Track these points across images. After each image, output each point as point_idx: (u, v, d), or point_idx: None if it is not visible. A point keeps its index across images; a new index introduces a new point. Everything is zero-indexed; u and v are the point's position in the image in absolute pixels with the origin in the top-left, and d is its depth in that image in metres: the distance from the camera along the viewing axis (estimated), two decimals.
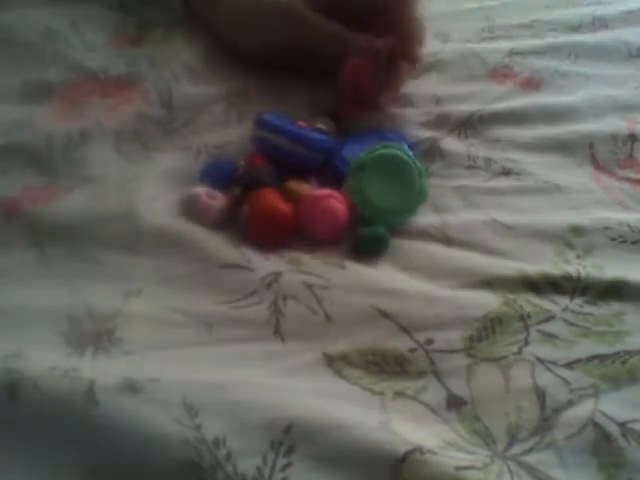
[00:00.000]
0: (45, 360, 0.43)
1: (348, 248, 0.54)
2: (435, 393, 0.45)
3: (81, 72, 0.66)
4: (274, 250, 0.53)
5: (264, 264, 0.51)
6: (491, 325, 0.48)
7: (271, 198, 0.54)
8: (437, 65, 0.73)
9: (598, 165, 0.63)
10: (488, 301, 0.50)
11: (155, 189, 0.56)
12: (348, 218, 0.55)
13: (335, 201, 0.55)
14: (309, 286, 0.50)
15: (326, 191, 0.55)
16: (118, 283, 0.50)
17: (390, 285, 0.51)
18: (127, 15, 0.74)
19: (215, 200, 0.55)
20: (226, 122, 0.63)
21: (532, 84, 0.72)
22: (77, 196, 0.55)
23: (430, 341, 0.47)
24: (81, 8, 0.73)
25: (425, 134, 0.65)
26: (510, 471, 0.41)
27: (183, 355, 0.46)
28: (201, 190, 0.55)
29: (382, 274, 0.52)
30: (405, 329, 0.48)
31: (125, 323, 0.47)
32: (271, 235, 0.54)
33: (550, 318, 0.49)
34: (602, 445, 0.42)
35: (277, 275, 0.50)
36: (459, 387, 0.45)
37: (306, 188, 0.56)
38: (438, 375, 0.46)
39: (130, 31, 0.72)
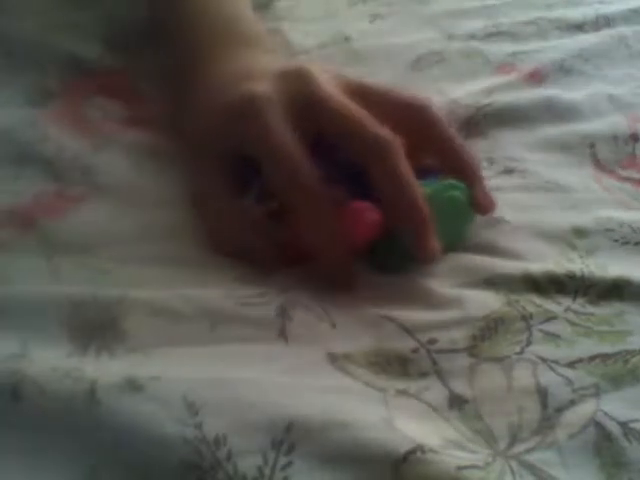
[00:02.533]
0: (48, 360, 0.43)
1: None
2: (437, 392, 0.45)
3: (80, 72, 0.66)
4: None
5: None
6: (494, 325, 0.48)
7: None
8: (442, 62, 0.74)
9: (599, 164, 0.63)
10: (491, 301, 0.50)
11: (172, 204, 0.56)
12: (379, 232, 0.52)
13: (373, 213, 0.51)
14: (319, 294, 0.50)
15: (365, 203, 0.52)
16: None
17: (394, 288, 0.51)
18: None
19: None
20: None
21: (535, 79, 0.72)
22: (91, 210, 0.55)
23: (433, 341, 0.47)
24: (79, 11, 0.73)
25: None
26: (512, 470, 0.41)
27: (186, 352, 0.45)
28: None
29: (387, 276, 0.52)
30: (408, 330, 0.48)
31: (129, 314, 0.47)
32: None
33: (552, 318, 0.49)
34: (603, 445, 0.42)
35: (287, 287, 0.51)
36: (461, 386, 0.45)
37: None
38: (440, 375, 0.46)
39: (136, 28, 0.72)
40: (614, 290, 0.51)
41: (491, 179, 0.60)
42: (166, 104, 0.64)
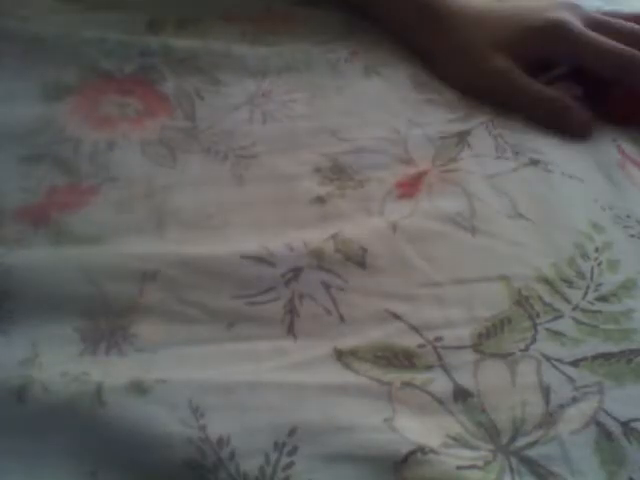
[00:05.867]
0: (58, 363, 0.45)
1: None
2: (442, 384, 0.46)
3: (98, 72, 0.67)
4: None
5: (286, 257, 0.52)
6: (500, 324, 0.49)
7: None
8: None
9: (624, 153, 0.63)
10: (500, 299, 0.50)
11: (185, 198, 0.57)
12: None
13: None
14: (327, 286, 0.51)
15: None
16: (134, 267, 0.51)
17: (404, 288, 0.52)
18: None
19: None
20: (250, 122, 0.63)
21: None
22: (104, 202, 0.56)
23: (439, 338, 0.48)
24: (95, 10, 0.74)
25: (453, 128, 0.64)
26: (511, 469, 0.42)
27: (194, 353, 0.47)
28: None
29: (398, 278, 0.52)
30: (415, 328, 0.49)
31: (140, 317, 0.48)
32: None
33: (559, 317, 0.50)
34: (604, 443, 0.43)
35: (297, 272, 0.51)
36: (466, 380, 0.46)
37: None
38: (445, 368, 0.47)
39: (142, 27, 0.73)
40: (625, 288, 0.52)
41: (516, 171, 0.60)
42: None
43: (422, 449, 0.41)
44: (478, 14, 0.70)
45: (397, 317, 0.49)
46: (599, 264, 0.53)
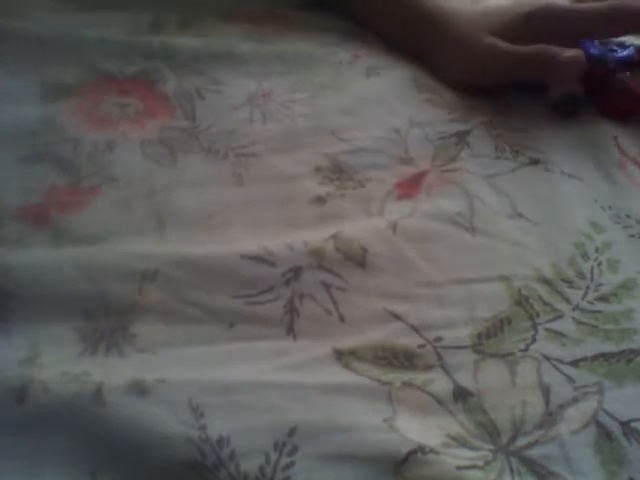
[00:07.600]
0: (58, 363, 0.45)
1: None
2: (442, 385, 0.46)
3: (98, 72, 0.67)
4: None
5: (286, 257, 0.52)
6: (500, 325, 0.49)
7: None
8: None
9: (624, 153, 0.63)
10: (500, 300, 0.50)
11: (185, 197, 0.57)
12: None
13: None
14: (327, 286, 0.51)
15: None
16: (134, 267, 0.51)
17: (404, 288, 0.51)
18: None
19: None
20: (250, 122, 0.63)
21: None
22: (104, 202, 0.56)
23: (439, 338, 0.48)
24: (95, 10, 0.74)
25: (453, 128, 0.64)
26: (511, 469, 0.42)
27: (194, 353, 0.47)
28: None
29: (398, 277, 0.52)
30: (415, 328, 0.49)
31: (140, 317, 0.48)
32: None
33: (559, 317, 0.50)
34: (604, 443, 0.43)
35: (297, 271, 0.51)
36: (466, 380, 0.46)
37: None
38: (445, 368, 0.47)
39: (144, 27, 0.73)
40: (625, 287, 0.52)
41: (516, 170, 0.60)
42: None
43: (422, 449, 0.41)
44: (472, 12, 0.70)
45: (397, 317, 0.49)
46: (599, 264, 0.53)
